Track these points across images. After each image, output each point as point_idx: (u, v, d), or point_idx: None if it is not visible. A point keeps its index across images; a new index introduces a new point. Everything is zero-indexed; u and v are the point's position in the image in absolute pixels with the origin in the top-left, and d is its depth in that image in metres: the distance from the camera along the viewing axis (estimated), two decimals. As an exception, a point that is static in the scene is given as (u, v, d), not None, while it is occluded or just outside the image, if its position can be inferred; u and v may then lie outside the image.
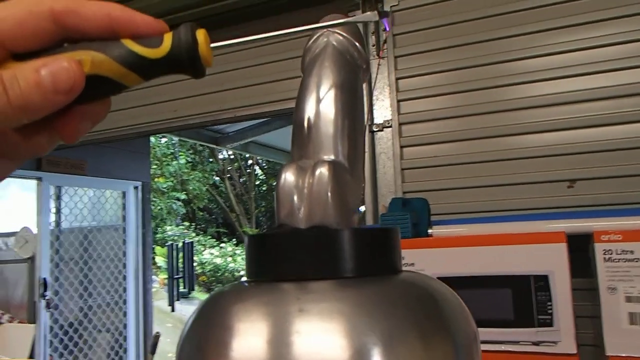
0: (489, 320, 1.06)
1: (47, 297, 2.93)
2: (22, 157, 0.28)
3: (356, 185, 0.29)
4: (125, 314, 3.43)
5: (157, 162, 10.06)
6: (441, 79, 1.42)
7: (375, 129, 1.46)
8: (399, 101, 1.44)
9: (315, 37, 0.31)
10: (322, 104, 0.29)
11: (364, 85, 1.37)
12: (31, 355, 3.49)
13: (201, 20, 1.76)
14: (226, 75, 1.74)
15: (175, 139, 9.01)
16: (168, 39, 0.26)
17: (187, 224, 11.18)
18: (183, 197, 10.69)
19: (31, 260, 3.88)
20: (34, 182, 3.19)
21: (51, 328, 3.00)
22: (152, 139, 8.35)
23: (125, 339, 3.41)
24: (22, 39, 0.25)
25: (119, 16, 0.26)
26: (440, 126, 1.41)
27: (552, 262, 1.02)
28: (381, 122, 1.45)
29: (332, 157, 0.28)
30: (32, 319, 3.19)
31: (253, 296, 0.25)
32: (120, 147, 3.37)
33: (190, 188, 10.83)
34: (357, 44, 0.31)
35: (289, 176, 0.27)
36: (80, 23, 0.26)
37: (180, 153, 10.63)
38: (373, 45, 1.49)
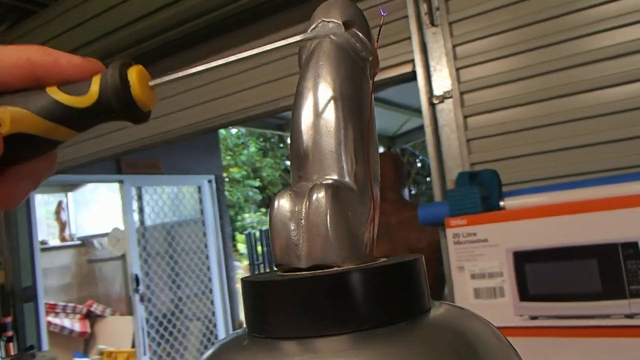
0: (575, 294, 1.00)
1: (140, 292, 3.13)
2: None
3: (365, 206, 0.24)
4: (212, 302, 3.59)
5: (231, 152, 10.37)
6: (502, 40, 1.32)
7: (435, 102, 1.40)
8: (457, 69, 1.37)
9: (310, 28, 0.26)
10: (320, 113, 0.24)
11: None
12: (132, 345, 3.76)
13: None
14: (284, 62, 1.73)
15: (243, 129, 9.23)
16: (96, 83, 0.23)
17: (264, 209, 11.48)
18: (257, 184, 10.97)
19: (124, 257, 4.16)
20: (117, 185, 3.39)
21: (147, 320, 3.20)
22: (223, 131, 8.60)
23: (215, 325, 3.58)
24: None
25: (40, 61, 0.23)
26: (506, 90, 1.32)
27: (641, 227, 0.93)
28: (441, 93, 1.39)
29: (334, 176, 0.24)
30: (131, 311, 3.42)
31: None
32: (190, 144, 3.49)
33: (264, 175, 11.08)
34: (359, 33, 0.26)
35: (282, 206, 0.23)
36: None
37: (250, 142, 10.89)
38: (425, 14, 1.42)
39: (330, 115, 0.24)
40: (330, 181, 0.23)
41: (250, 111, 1.84)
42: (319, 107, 0.25)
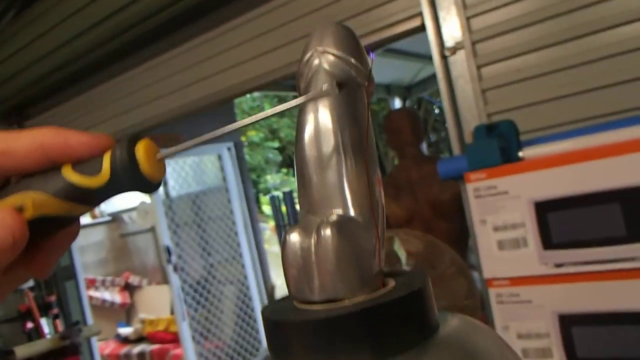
0: (599, 239, 1.00)
1: (173, 262, 3.22)
2: (3, 292, 0.27)
3: (372, 234, 0.25)
4: (243, 266, 3.69)
5: (247, 116, 10.35)
6: (514, -18, 1.27)
7: (447, 54, 1.37)
8: (468, 18, 1.33)
9: (306, 58, 0.26)
10: (321, 147, 0.25)
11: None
12: (171, 312, 3.91)
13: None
14: (290, 27, 1.71)
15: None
16: (107, 162, 0.24)
17: (285, 170, 11.55)
18: (277, 145, 10.99)
19: (153, 229, 4.26)
20: (139, 160, 3.44)
21: (182, 287, 3.31)
22: (237, 95, 8.56)
23: (248, 288, 3.69)
24: None
25: (52, 144, 0.24)
26: (519, 36, 1.28)
27: (666, 167, 0.92)
28: (452, 45, 1.35)
29: (339, 210, 0.25)
30: (166, 280, 3.53)
31: None
32: (207, 113, 3.49)
33: (282, 135, 11.08)
34: (352, 60, 0.26)
35: (293, 243, 0.24)
36: (15, 163, 0.24)
37: (265, 104, 10.84)
38: (431, -38, 1.37)
39: (330, 148, 0.25)
40: (334, 217, 0.24)
41: (262, 79, 1.83)
42: (320, 141, 0.26)
